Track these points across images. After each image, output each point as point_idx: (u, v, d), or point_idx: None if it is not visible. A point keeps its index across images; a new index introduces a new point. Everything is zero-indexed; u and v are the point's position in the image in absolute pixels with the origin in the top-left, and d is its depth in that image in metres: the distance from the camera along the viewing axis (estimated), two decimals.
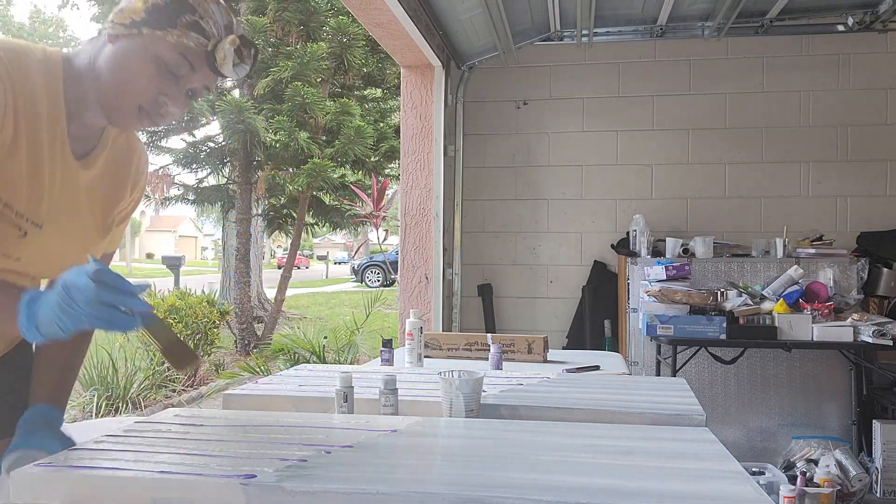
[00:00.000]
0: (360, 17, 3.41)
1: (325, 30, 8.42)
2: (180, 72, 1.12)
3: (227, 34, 1.14)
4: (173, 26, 1.10)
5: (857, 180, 4.03)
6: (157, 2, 1.10)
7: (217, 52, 1.12)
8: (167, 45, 1.10)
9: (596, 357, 2.70)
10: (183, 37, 1.10)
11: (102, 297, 0.95)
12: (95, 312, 0.95)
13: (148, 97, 1.12)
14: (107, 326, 0.97)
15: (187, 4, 1.11)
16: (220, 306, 6.93)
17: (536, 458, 1.10)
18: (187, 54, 1.11)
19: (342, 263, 35.50)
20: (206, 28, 1.11)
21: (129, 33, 1.11)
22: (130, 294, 0.97)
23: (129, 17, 1.11)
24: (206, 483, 0.96)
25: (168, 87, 1.13)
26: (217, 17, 1.13)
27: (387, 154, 9.01)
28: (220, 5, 1.14)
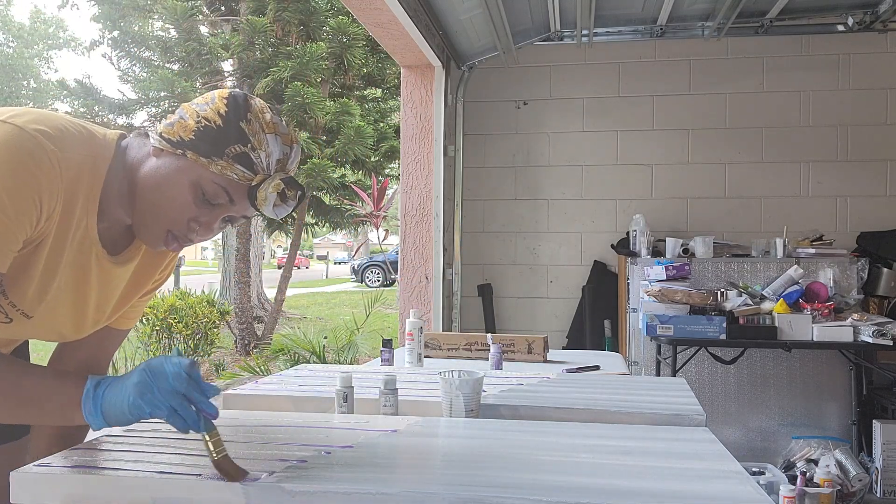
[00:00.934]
0: (360, 17, 3.41)
1: (325, 30, 8.41)
2: (217, 201, 1.06)
3: (278, 169, 1.06)
4: (220, 156, 1.03)
5: (857, 180, 4.03)
6: (210, 125, 1.03)
7: (259, 190, 1.04)
8: (209, 174, 1.03)
9: (596, 357, 2.70)
10: (227, 168, 1.03)
11: (188, 391, 0.95)
12: (174, 403, 0.95)
13: (179, 224, 1.07)
14: (175, 421, 0.96)
15: (241, 134, 1.03)
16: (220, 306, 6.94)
17: (536, 458, 1.10)
18: (229, 187, 1.04)
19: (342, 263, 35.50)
20: (254, 161, 1.04)
21: (174, 152, 1.05)
22: (207, 395, 0.97)
23: (177, 135, 1.05)
24: (206, 483, 0.96)
25: (203, 215, 1.07)
26: (272, 148, 1.05)
27: (387, 154, 9.01)
28: (277, 136, 1.06)
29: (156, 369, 0.96)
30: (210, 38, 8.69)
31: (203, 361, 6.93)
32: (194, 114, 1.05)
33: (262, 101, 1.10)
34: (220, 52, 8.38)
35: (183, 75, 8.42)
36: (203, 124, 1.03)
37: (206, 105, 1.05)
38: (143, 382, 0.95)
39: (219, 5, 9.74)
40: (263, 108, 1.07)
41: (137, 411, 0.96)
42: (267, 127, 1.05)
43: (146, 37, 9.26)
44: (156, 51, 9.06)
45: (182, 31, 8.45)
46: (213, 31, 9.45)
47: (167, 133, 1.06)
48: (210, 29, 9.67)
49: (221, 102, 1.05)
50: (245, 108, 1.05)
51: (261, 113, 1.06)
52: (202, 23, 9.45)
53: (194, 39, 8.44)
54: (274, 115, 1.08)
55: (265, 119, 1.06)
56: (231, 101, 1.05)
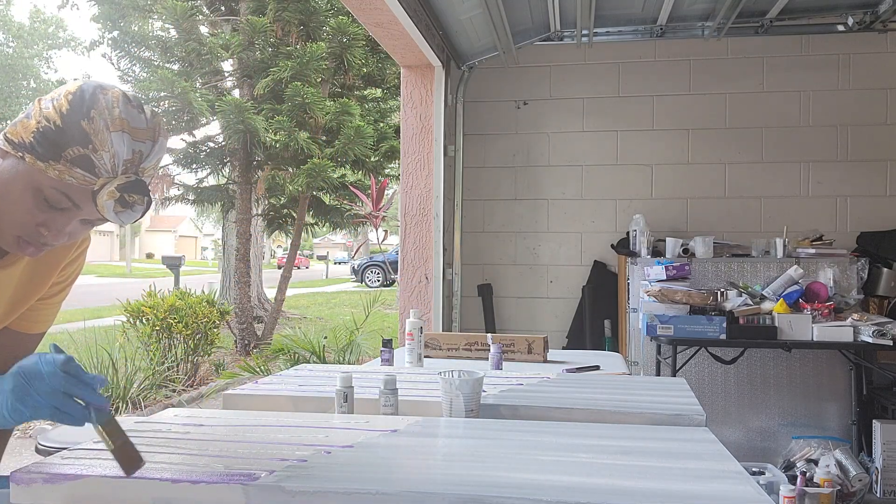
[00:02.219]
0: (360, 17, 3.41)
1: (325, 30, 8.41)
2: (60, 206, 0.98)
3: (127, 170, 0.97)
4: (57, 159, 0.94)
5: (857, 180, 4.03)
6: (49, 126, 0.95)
7: (98, 195, 0.96)
8: (47, 178, 0.95)
9: (596, 357, 2.70)
10: (66, 172, 0.94)
11: (67, 388, 0.92)
12: (56, 403, 0.91)
13: (26, 229, 0.99)
14: (62, 418, 0.92)
15: (81, 134, 0.94)
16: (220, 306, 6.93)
17: (536, 458, 1.10)
18: (69, 192, 0.96)
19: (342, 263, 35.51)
20: (96, 164, 0.95)
21: (15, 154, 0.97)
22: (91, 387, 0.93)
23: (19, 136, 0.97)
24: (206, 483, 0.96)
25: (51, 220, 0.99)
26: (117, 148, 0.95)
27: (387, 154, 9.02)
28: (125, 134, 0.96)
29: (29, 371, 0.92)
30: (210, 38, 8.69)
31: (203, 361, 6.93)
32: (38, 112, 0.97)
33: (118, 93, 0.99)
34: (220, 52, 8.38)
35: (183, 75, 8.42)
36: (42, 125, 0.95)
37: (50, 102, 0.97)
38: (20, 386, 0.91)
39: (219, 5, 9.74)
40: (114, 102, 0.97)
41: (18, 415, 0.92)
42: (113, 124, 0.95)
43: (146, 37, 9.26)
44: (156, 51, 9.06)
45: (182, 31, 8.44)
46: (213, 31, 9.45)
47: (11, 133, 0.98)
48: (210, 29, 9.67)
49: (65, 99, 0.96)
50: (90, 104, 0.95)
51: (108, 109, 0.96)
52: (202, 23, 9.45)
53: (194, 39, 8.44)
54: (130, 108, 0.98)
55: (112, 115, 0.96)
56: (76, 97, 0.96)
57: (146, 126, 0.99)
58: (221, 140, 9.03)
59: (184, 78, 8.22)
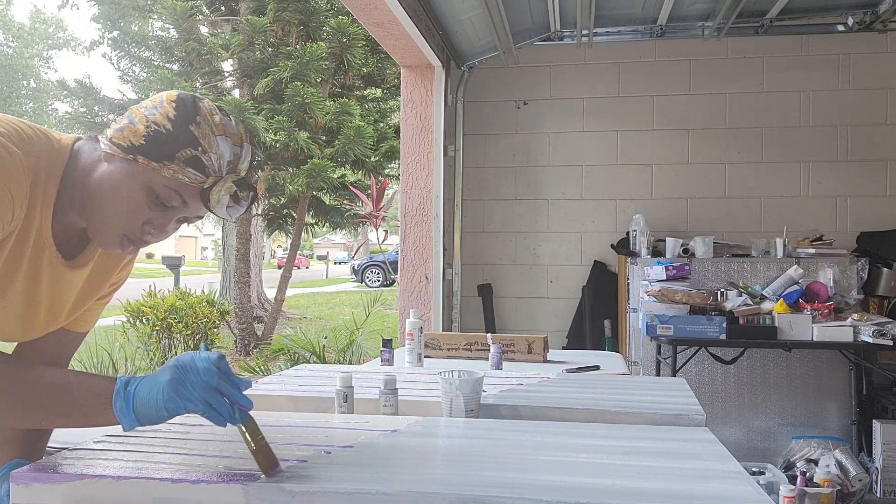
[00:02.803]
0: (360, 17, 3.41)
1: (325, 30, 8.41)
2: (171, 204, 1.06)
3: (230, 170, 1.06)
4: (171, 160, 1.03)
5: (857, 180, 4.03)
6: (160, 130, 1.03)
7: (212, 192, 1.05)
8: (161, 178, 1.04)
9: (596, 357, 2.70)
10: (179, 172, 1.03)
11: (220, 384, 0.97)
12: (208, 397, 0.97)
13: (133, 227, 1.07)
14: (211, 414, 0.97)
15: (191, 137, 1.03)
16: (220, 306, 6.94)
17: (536, 458, 1.10)
18: (181, 190, 1.05)
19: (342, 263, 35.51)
20: (206, 164, 1.04)
21: (125, 157, 1.04)
22: (239, 388, 0.99)
23: (127, 140, 1.04)
24: (206, 483, 0.96)
25: (156, 218, 1.07)
26: (223, 150, 1.05)
27: (387, 154, 9.01)
28: (227, 138, 1.06)
29: (187, 365, 0.98)
30: (210, 38, 8.69)
31: None
32: (143, 118, 1.04)
33: (210, 102, 1.09)
34: (220, 52, 8.38)
35: (183, 75, 8.42)
36: (153, 129, 1.03)
37: (154, 109, 1.05)
38: (177, 379, 0.97)
39: (219, 5, 9.73)
40: (212, 109, 1.07)
41: (173, 406, 0.97)
42: (216, 129, 1.05)
43: (146, 37, 9.25)
44: (156, 51, 9.05)
45: (182, 31, 8.44)
46: (213, 31, 9.44)
47: (117, 138, 1.05)
48: (210, 29, 9.66)
49: (170, 106, 1.04)
50: (194, 110, 1.05)
51: (210, 115, 1.06)
52: (202, 23, 9.44)
53: (194, 39, 8.44)
54: (223, 116, 1.08)
55: (214, 121, 1.05)
56: (180, 104, 1.05)
57: (237, 132, 1.08)
58: None
59: (184, 78, 8.22)
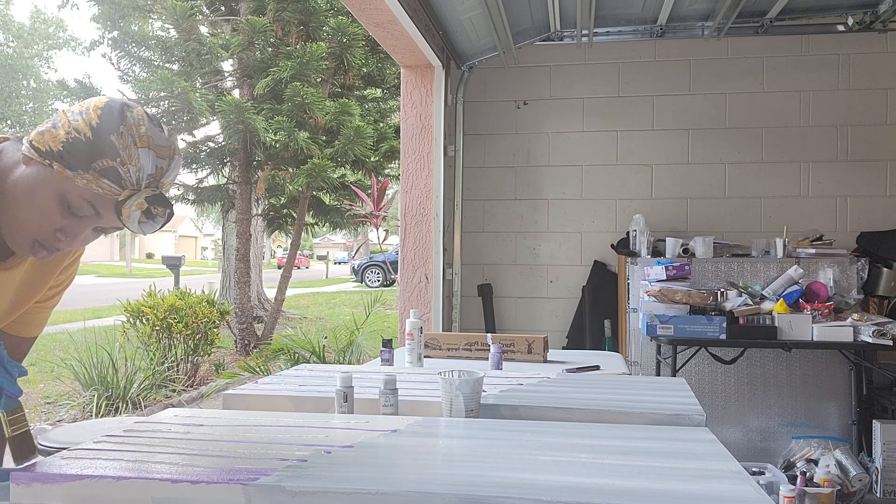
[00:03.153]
0: (360, 17, 3.41)
1: (325, 30, 8.41)
2: (82, 213, 1.04)
3: (150, 184, 1.04)
4: (86, 169, 1.00)
5: (857, 180, 4.03)
6: (79, 137, 1.00)
7: (124, 206, 1.02)
8: (75, 186, 1.01)
9: (596, 357, 2.70)
10: (93, 182, 1.01)
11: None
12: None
13: (45, 234, 1.05)
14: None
15: (111, 147, 1.00)
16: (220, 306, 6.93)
17: (536, 458, 1.10)
18: (94, 200, 1.03)
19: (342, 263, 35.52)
20: (122, 176, 1.01)
21: (41, 162, 1.02)
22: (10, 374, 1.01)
23: (46, 144, 1.02)
24: (206, 483, 0.96)
25: (69, 226, 1.05)
26: (143, 162, 1.02)
27: (387, 154, 9.01)
28: (151, 150, 1.03)
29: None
30: (210, 38, 8.69)
31: (203, 361, 6.93)
32: (67, 123, 1.02)
33: (141, 112, 1.06)
34: (220, 52, 8.37)
35: (183, 75, 8.41)
36: (73, 136, 1.01)
37: (80, 115, 1.03)
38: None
39: (219, 5, 9.74)
40: (140, 120, 1.04)
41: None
42: (140, 141, 1.03)
43: (146, 37, 9.25)
44: (156, 51, 9.05)
45: (182, 31, 8.44)
46: (213, 31, 9.45)
47: (37, 141, 1.03)
48: (210, 29, 9.67)
49: (95, 113, 1.02)
50: (119, 119, 1.02)
51: (136, 125, 1.03)
52: (202, 23, 9.44)
53: (194, 39, 8.44)
54: (153, 126, 1.05)
55: (139, 132, 1.03)
56: (105, 112, 1.03)
57: (166, 144, 1.06)
58: (221, 140, 9.03)
59: (184, 78, 8.21)
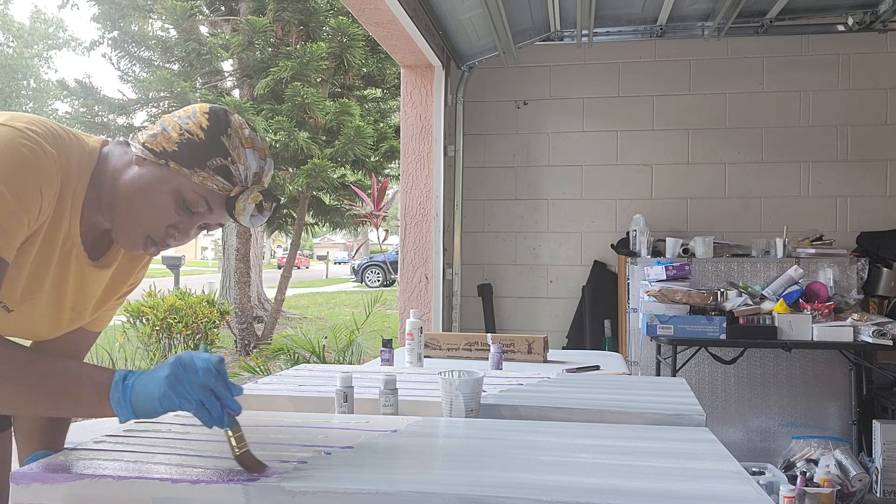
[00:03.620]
0: (360, 17, 3.41)
1: (325, 30, 8.41)
2: (197, 209, 1.11)
3: (255, 181, 1.12)
4: (201, 167, 1.08)
5: (857, 180, 4.03)
6: (193, 138, 1.08)
7: (238, 201, 1.10)
8: (190, 184, 1.08)
9: (596, 357, 2.70)
10: (208, 179, 1.08)
11: (216, 386, 0.99)
12: (203, 398, 0.98)
13: (159, 229, 1.11)
14: (203, 414, 0.98)
15: (222, 147, 1.08)
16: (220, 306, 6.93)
17: (536, 458, 1.10)
18: (208, 196, 1.10)
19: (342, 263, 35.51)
20: (234, 174, 1.09)
21: (157, 162, 1.09)
22: (232, 393, 1.01)
23: (160, 146, 1.09)
24: (206, 483, 0.96)
25: (181, 222, 1.12)
26: (250, 162, 1.11)
27: (387, 154, 9.01)
28: (255, 151, 1.12)
29: (187, 363, 0.99)
30: (210, 38, 8.69)
31: None
32: (177, 126, 1.09)
33: (239, 117, 1.15)
34: (220, 52, 8.38)
35: (183, 75, 8.42)
36: (186, 137, 1.08)
37: (188, 118, 1.10)
38: (175, 375, 0.97)
39: (219, 5, 9.74)
40: (242, 123, 1.13)
41: (168, 402, 0.97)
42: (245, 142, 1.11)
43: (146, 37, 9.26)
44: (156, 51, 9.05)
45: (182, 31, 8.44)
46: (213, 31, 9.45)
47: (150, 143, 1.09)
48: (210, 29, 9.66)
49: (203, 117, 1.10)
50: (225, 123, 1.10)
51: (240, 128, 1.11)
52: (202, 23, 9.45)
53: (194, 39, 8.44)
54: (252, 130, 1.13)
55: (244, 134, 1.11)
56: (213, 115, 1.10)
57: (262, 146, 1.14)
58: None
59: (184, 78, 8.22)
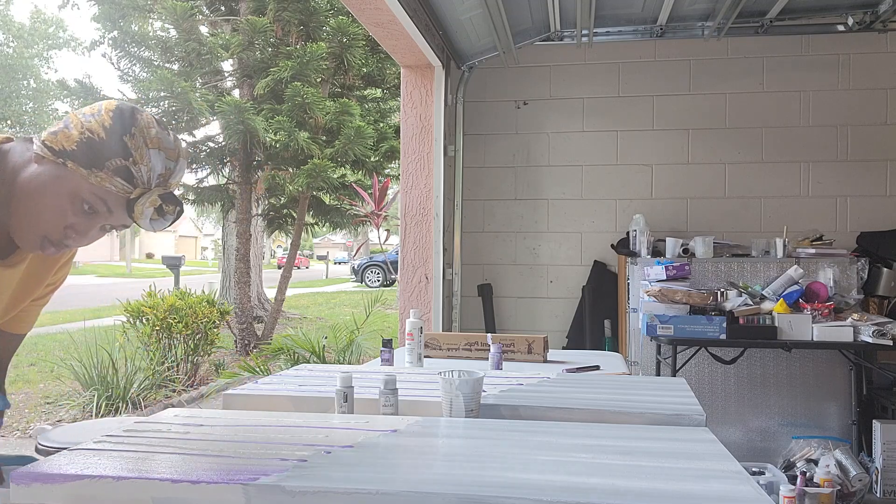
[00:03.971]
0: (360, 16, 3.41)
1: (325, 30, 8.41)
2: (96, 210, 1.07)
3: (159, 183, 1.08)
4: (100, 167, 1.04)
5: (857, 180, 4.03)
6: (92, 137, 1.05)
7: (136, 204, 1.06)
8: (88, 184, 1.05)
9: (596, 357, 2.70)
10: (107, 180, 1.04)
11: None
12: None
13: (55, 230, 1.08)
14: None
15: (123, 148, 1.05)
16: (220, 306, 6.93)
17: (536, 458, 1.10)
18: (107, 198, 1.06)
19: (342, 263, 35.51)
20: (135, 175, 1.06)
21: (55, 160, 1.06)
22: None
23: (60, 144, 1.05)
24: (206, 483, 0.96)
25: (79, 223, 1.08)
26: (154, 163, 1.07)
27: (387, 154, 9.01)
28: (161, 152, 1.08)
29: None
30: (210, 38, 8.69)
31: (203, 361, 6.93)
32: (79, 124, 1.06)
33: (150, 115, 1.11)
34: (220, 52, 8.37)
35: (183, 75, 8.41)
36: (86, 136, 1.05)
37: (91, 116, 1.07)
38: None
39: (219, 5, 9.73)
40: (150, 123, 1.09)
41: None
42: (150, 142, 1.07)
43: (146, 37, 9.25)
44: (156, 51, 9.05)
45: (182, 31, 8.44)
46: (213, 31, 9.44)
47: (50, 141, 1.06)
48: (210, 29, 9.66)
49: (107, 115, 1.06)
50: (130, 122, 1.07)
51: (146, 128, 1.08)
52: (202, 23, 9.44)
53: (194, 39, 8.43)
54: (161, 129, 1.09)
55: (149, 134, 1.07)
56: (117, 114, 1.07)
57: (174, 146, 1.10)
58: (221, 140, 9.03)
59: (184, 78, 8.21)
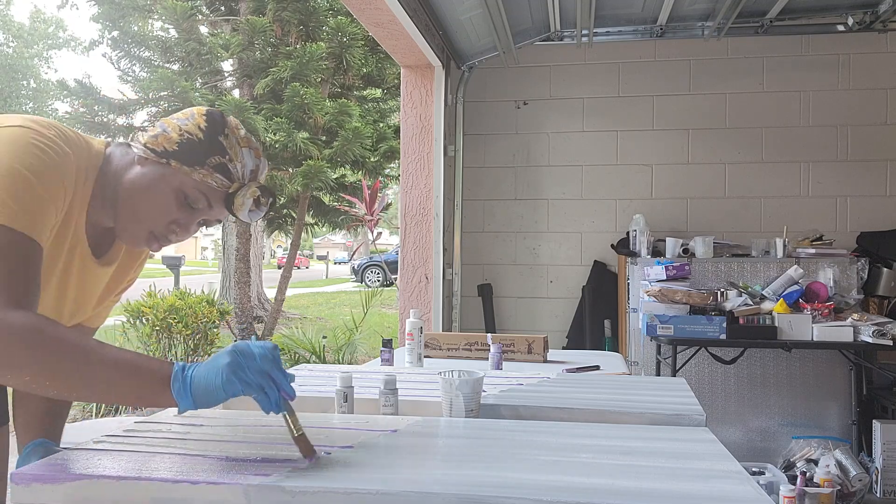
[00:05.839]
0: (360, 16, 3.41)
1: (325, 30, 8.41)
2: (197, 206, 1.17)
3: (251, 179, 1.19)
4: (201, 165, 1.14)
5: (857, 180, 4.03)
6: (192, 138, 1.15)
7: (237, 196, 1.17)
8: (191, 181, 1.15)
9: (596, 357, 2.70)
10: (208, 177, 1.15)
11: (273, 371, 1.03)
12: (263, 382, 1.02)
13: (161, 225, 1.17)
14: (262, 400, 1.03)
15: (220, 147, 1.15)
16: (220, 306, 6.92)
17: (536, 458, 1.10)
18: (208, 193, 1.16)
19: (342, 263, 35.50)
20: (232, 171, 1.16)
21: (158, 161, 1.15)
22: (287, 377, 1.05)
23: (161, 146, 1.15)
24: (206, 483, 0.96)
25: (182, 218, 1.18)
26: (247, 160, 1.18)
27: (386, 154, 9.01)
28: (251, 150, 1.19)
29: (245, 351, 1.03)
30: (210, 38, 8.69)
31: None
32: (177, 127, 1.16)
33: (235, 118, 1.22)
34: (219, 52, 8.37)
35: (183, 75, 8.42)
36: (186, 137, 1.15)
37: (187, 120, 1.17)
38: (236, 363, 1.01)
39: (219, 5, 9.73)
40: (237, 125, 1.20)
41: (231, 388, 1.00)
42: (241, 141, 1.18)
43: (146, 37, 9.25)
44: (156, 51, 9.05)
45: (182, 31, 8.44)
46: (213, 31, 9.44)
47: (152, 144, 1.16)
48: (210, 29, 9.66)
49: (201, 118, 1.17)
50: (223, 124, 1.17)
51: (236, 129, 1.19)
52: (202, 23, 9.44)
53: (194, 39, 8.44)
54: (246, 132, 1.21)
55: (240, 135, 1.19)
56: (210, 117, 1.17)
57: (258, 146, 1.22)
58: None
59: (184, 78, 8.21)
